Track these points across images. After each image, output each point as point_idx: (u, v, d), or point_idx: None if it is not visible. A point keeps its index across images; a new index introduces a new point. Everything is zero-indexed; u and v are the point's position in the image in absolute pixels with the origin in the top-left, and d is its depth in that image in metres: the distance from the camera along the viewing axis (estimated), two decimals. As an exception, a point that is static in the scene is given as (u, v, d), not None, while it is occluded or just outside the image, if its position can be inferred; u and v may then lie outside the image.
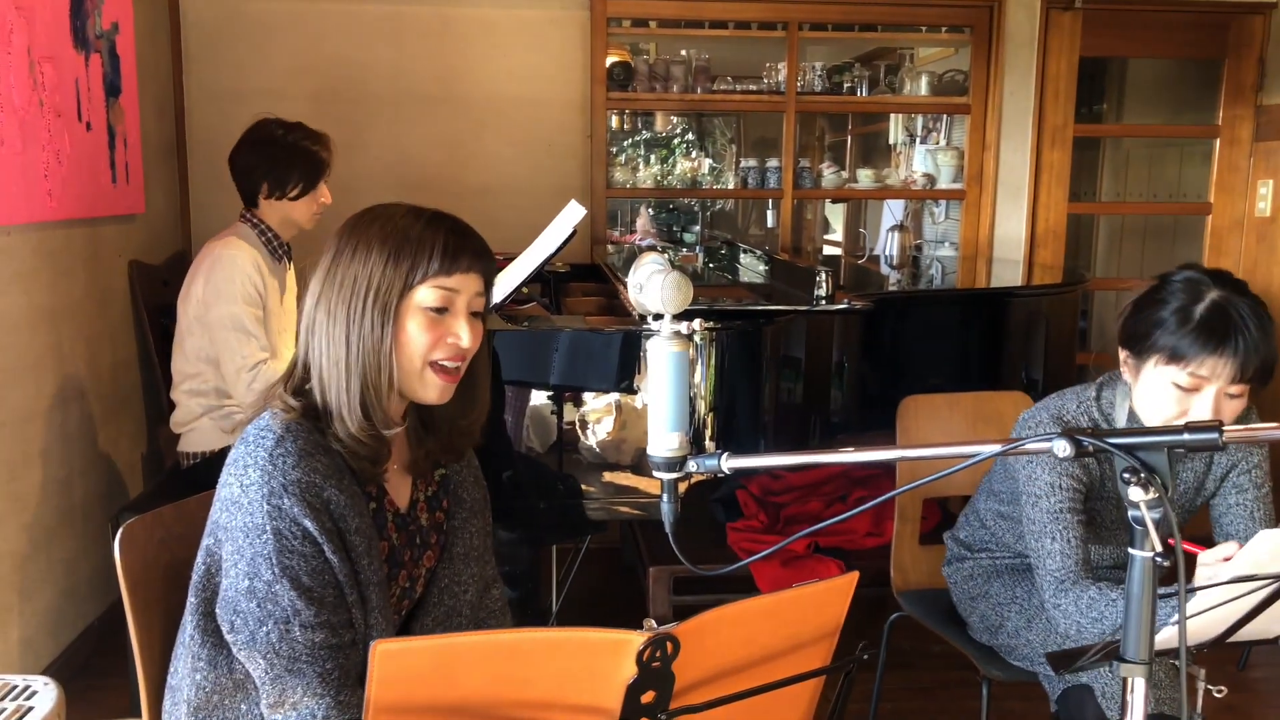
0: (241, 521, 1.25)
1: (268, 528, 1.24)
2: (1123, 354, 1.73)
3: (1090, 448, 1.03)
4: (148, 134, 3.31)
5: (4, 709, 1.69)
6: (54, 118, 2.63)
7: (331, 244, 1.35)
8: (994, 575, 2.02)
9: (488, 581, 1.54)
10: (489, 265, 1.38)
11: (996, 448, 1.12)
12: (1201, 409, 1.61)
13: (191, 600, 1.34)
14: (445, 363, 1.34)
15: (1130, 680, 1.05)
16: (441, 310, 1.32)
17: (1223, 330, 1.58)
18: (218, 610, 1.30)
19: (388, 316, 1.30)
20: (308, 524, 1.24)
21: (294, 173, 2.63)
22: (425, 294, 1.31)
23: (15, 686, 1.77)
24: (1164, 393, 1.64)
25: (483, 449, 2.20)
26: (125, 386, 3.16)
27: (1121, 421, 1.77)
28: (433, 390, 1.34)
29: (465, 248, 1.33)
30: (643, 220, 5.28)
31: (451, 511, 1.48)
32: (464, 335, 1.33)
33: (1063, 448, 1.04)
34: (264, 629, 1.24)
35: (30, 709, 1.70)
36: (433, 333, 1.32)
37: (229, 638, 1.29)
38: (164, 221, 3.53)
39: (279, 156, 2.63)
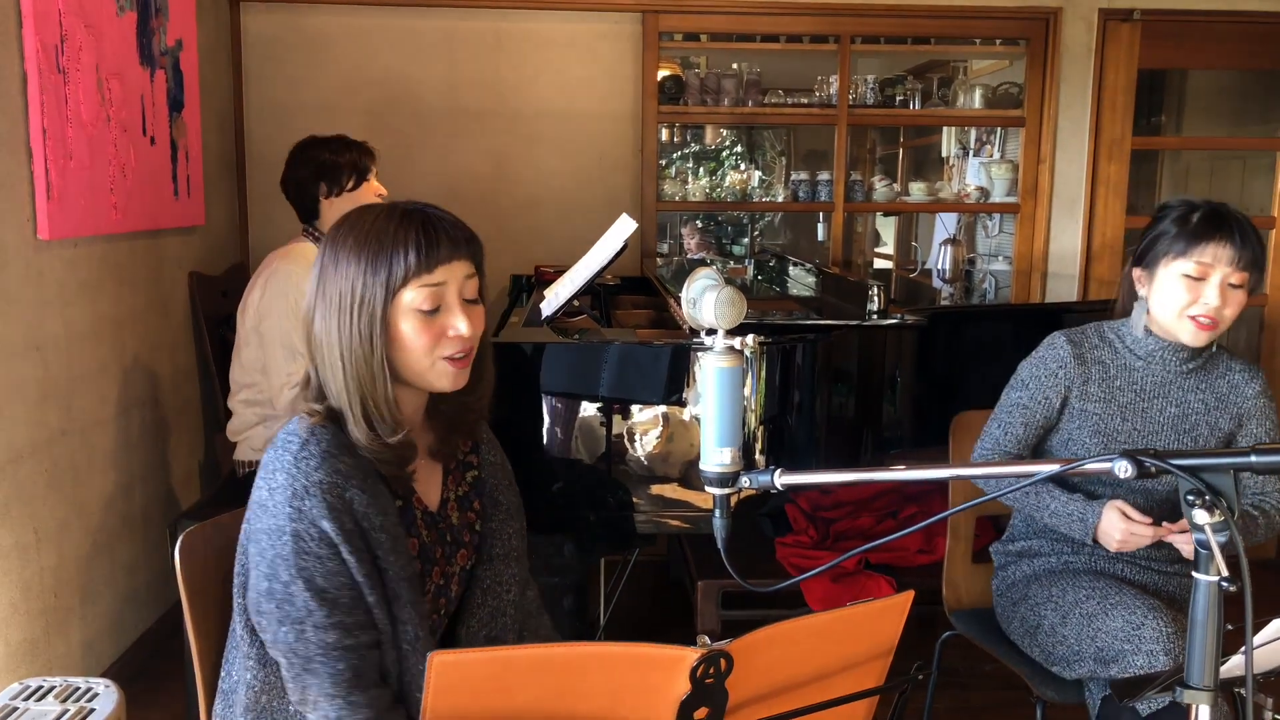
0: (265, 524, 1.28)
1: (288, 529, 1.26)
2: (1136, 273, 1.97)
3: (1153, 468, 1.02)
4: (209, 148, 3.39)
5: (67, 710, 1.73)
6: (120, 132, 2.70)
7: (319, 255, 1.35)
8: (1033, 579, 2.04)
9: (524, 582, 1.56)
10: (472, 249, 1.36)
11: (1054, 466, 1.10)
12: (1210, 296, 1.84)
13: (238, 601, 1.37)
14: (454, 355, 1.34)
15: (1195, 708, 1.03)
16: (433, 310, 1.32)
17: (1219, 222, 1.85)
18: (250, 612, 1.33)
19: (376, 326, 1.29)
20: (325, 525, 1.26)
21: (343, 166, 2.71)
22: (411, 296, 1.30)
23: (78, 688, 1.81)
24: (1175, 285, 1.87)
25: (532, 459, 2.22)
26: (185, 395, 3.23)
27: (1138, 330, 1.97)
28: (445, 379, 1.35)
29: (440, 239, 1.31)
30: (692, 240, 5.27)
31: (488, 514, 1.50)
32: (461, 326, 1.33)
33: (1124, 468, 1.02)
34: (282, 629, 1.27)
35: (92, 710, 1.74)
36: (428, 333, 1.32)
37: (263, 637, 1.32)
38: (223, 233, 3.60)
39: (324, 155, 2.71)
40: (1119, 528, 1.82)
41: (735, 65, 4.04)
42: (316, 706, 1.28)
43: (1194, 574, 1.01)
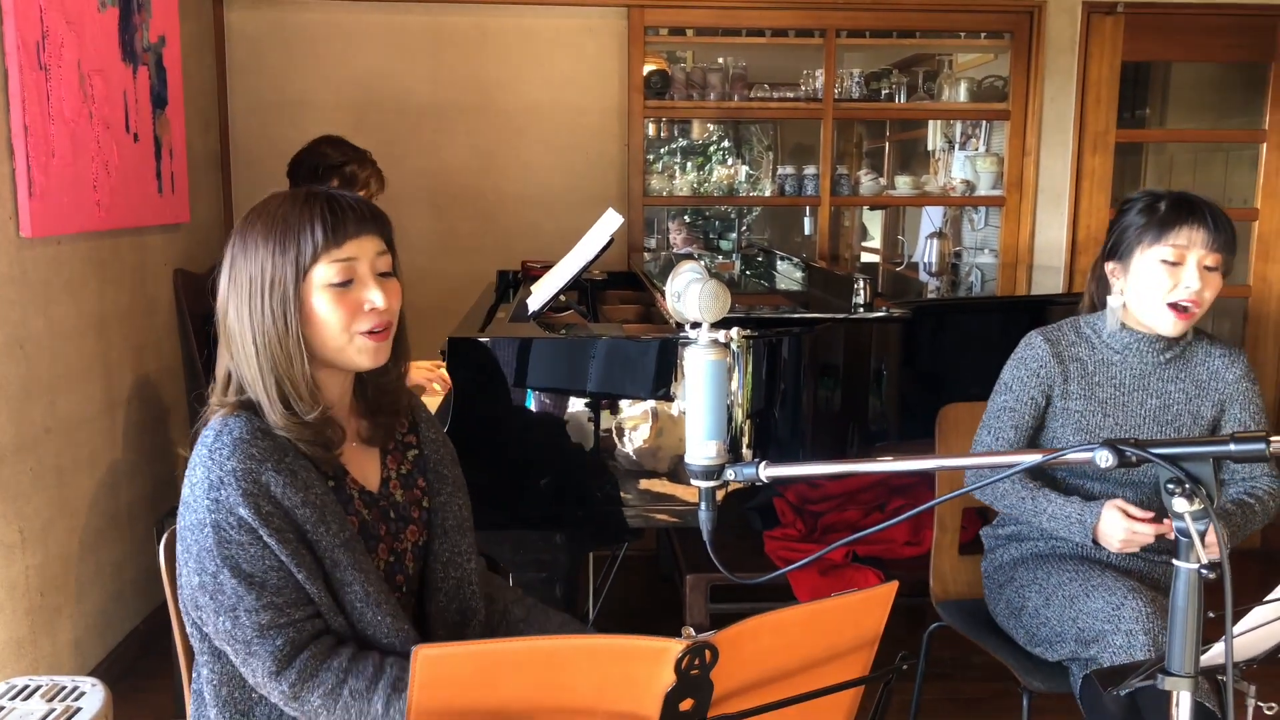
0: (189, 520, 1.29)
1: (208, 522, 1.27)
2: (1109, 267, 1.98)
3: (1133, 458, 1.02)
4: (193, 145, 3.37)
5: (53, 709, 1.73)
6: (103, 129, 2.68)
7: (228, 247, 1.36)
8: (1020, 563, 2.06)
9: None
10: (381, 226, 1.37)
11: (1037, 457, 1.11)
12: (1189, 279, 1.85)
13: (181, 600, 1.37)
14: (373, 329, 1.35)
15: (1176, 694, 1.04)
16: (346, 283, 1.33)
17: (1189, 206, 1.88)
18: (188, 609, 1.34)
19: (289, 306, 1.30)
20: (243, 512, 1.26)
21: (359, 179, 2.76)
22: (322, 271, 1.31)
23: (64, 687, 1.80)
24: (1154, 272, 1.89)
25: (520, 455, 2.22)
26: (170, 393, 3.22)
27: (1112, 325, 1.97)
28: (365, 355, 1.35)
29: (346, 216, 1.32)
30: (678, 235, 5.28)
31: (434, 489, 1.50)
32: (376, 299, 1.34)
33: (1105, 457, 1.03)
34: (220, 619, 1.28)
35: (79, 709, 1.73)
36: (343, 307, 1.32)
37: (205, 631, 1.32)
38: (208, 231, 3.59)
39: (349, 162, 2.77)
40: (1121, 526, 1.80)
41: (721, 60, 4.04)
42: (269, 689, 1.29)
43: (1174, 562, 1.02)
